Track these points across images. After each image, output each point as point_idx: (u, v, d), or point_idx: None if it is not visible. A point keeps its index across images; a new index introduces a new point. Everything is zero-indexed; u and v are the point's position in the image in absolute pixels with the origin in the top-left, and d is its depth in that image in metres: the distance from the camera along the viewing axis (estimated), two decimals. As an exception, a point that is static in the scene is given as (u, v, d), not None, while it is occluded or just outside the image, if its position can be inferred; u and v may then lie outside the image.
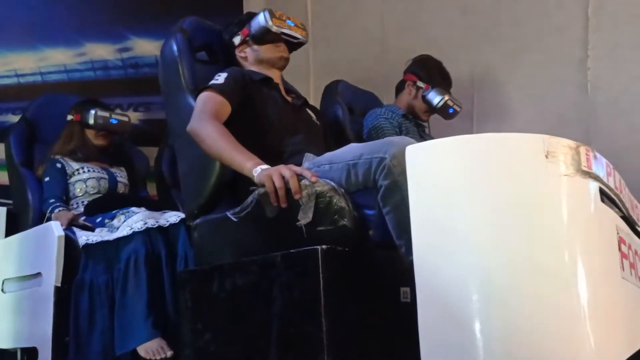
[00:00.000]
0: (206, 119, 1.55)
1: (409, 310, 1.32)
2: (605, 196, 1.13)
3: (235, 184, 1.60)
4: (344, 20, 3.06)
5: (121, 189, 2.44)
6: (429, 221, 1.09)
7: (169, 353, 1.84)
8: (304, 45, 1.92)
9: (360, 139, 2.30)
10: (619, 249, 1.14)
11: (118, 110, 2.71)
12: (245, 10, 3.26)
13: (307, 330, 1.22)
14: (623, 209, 1.23)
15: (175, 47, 1.74)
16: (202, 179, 1.62)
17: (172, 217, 2.09)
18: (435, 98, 2.32)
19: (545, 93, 2.49)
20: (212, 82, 1.67)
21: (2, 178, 2.62)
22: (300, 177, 1.36)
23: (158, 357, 1.82)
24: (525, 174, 1.06)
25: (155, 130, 3.04)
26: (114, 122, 2.42)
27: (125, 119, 2.47)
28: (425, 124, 2.49)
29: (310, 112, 1.91)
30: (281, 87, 1.84)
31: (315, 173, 1.38)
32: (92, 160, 2.42)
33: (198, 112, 1.59)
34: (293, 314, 1.26)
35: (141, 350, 1.85)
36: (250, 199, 1.46)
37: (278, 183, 1.34)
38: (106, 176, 2.39)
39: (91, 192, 2.33)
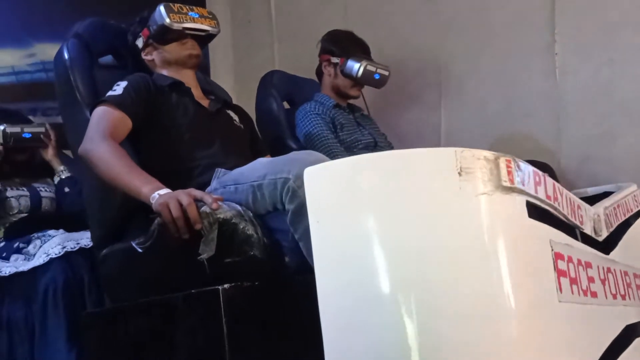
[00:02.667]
0: (99, 139, 1.37)
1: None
2: (535, 209, 0.98)
3: (144, 206, 1.43)
4: (307, 13, 2.94)
5: (47, 204, 2.25)
6: (331, 248, 0.94)
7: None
8: (215, 36, 1.72)
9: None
10: (555, 267, 1.00)
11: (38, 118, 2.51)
12: (208, 7, 3.10)
13: (212, 382, 1.07)
14: (560, 216, 1.08)
15: (66, 56, 1.55)
16: (106, 203, 1.46)
17: (97, 236, 1.92)
18: (354, 67, 2.13)
19: (513, 81, 2.38)
20: (109, 93, 1.49)
21: None
22: (200, 203, 1.20)
23: (83, 396, 1.67)
24: (435, 195, 0.90)
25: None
26: (28, 136, 2.21)
27: (41, 129, 2.25)
28: (363, 108, 2.33)
29: (232, 114, 1.74)
30: (195, 92, 1.66)
31: (220, 197, 1.22)
32: (10, 177, 2.23)
33: (91, 131, 1.40)
34: (197, 363, 1.11)
35: (65, 388, 1.70)
36: (152, 227, 1.29)
37: (175, 212, 1.18)
38: (27, 194, 2.20)
39: (11, 213, 2.15)
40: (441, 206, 0.90)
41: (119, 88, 1.49)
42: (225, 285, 1.10)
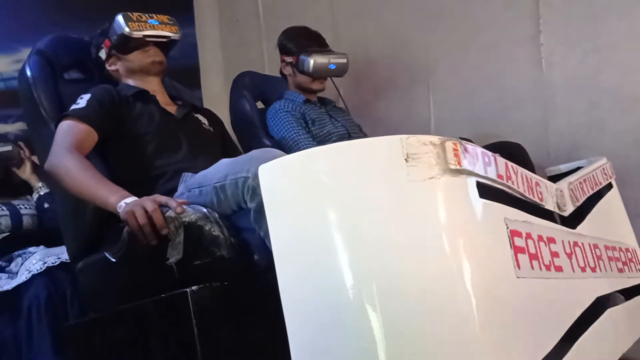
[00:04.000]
0: (64, 153, 1.38)
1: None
2: (487, 190, 1.00)
3: (116, 216, 1.44)
4: (295, 11, 2.93)
5: (28, 222, 2.25)
6: (289, 241, 0.96)
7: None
8: (177, 42, 1.73)
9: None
10: (512, 244, 1.02)
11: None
12: (196, 10, 3.11)
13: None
14: (516, 194, 1.10)
15: (28, 74, 1.56)
16: (78, 216, 1.47)
17: (78, 250, 1.93)
18: (305, 64, 2.10)
19: (501, 72, 2.38)
20: (73, 107, 1.50)
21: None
22: (165, 208, 1.21)
23: (73, 410, 1.68)
24: (384, 181, 0.92)
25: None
26: None
27: (8, 147, 2.24)
28: (335, 99, 2.34)
29: (200, 117, 1.75)
30: (160, 98, 1.67)
31: (185, 200, 1.24)
32: (-12, 197, 2.23)
33: (56, 145, 1.41)
34: (172, 367, 1.12)
35: (56, 404, 1.71)
36: (122, 236, 1.30)
37: (141, 219, 1.19)
38: (7, 213, 2.20)
39: (-7, 234, 2.16)
40: (392, 193, 0.92)
41: (82, 101, 1.50)
42: (194, 287, 1.11)
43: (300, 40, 2.14)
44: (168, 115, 1.64)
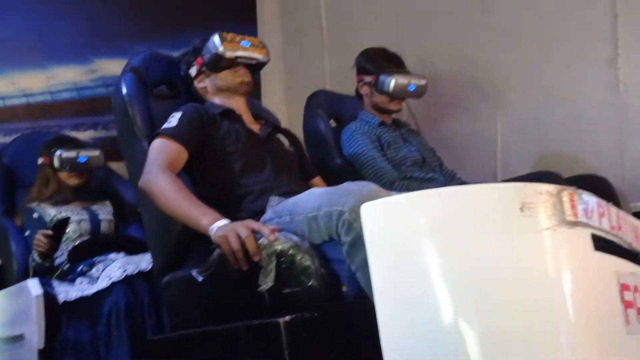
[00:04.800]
0: (158, 172, 1.42)
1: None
2: (600, 241, 0.96)
3: (203, 235, 1.47)
4: (359, 24, 2.91)
5: (105, 227, 2.34)
6: (391, 283, 0.96)
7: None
8: (266, 64, 1.76)
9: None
10: (622, 298, 0.98)
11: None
12: (259, 20, 3.16)
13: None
14: (625, 245, 1.06)
15: (124, 91, 1.61)
16: (165, 233, 1.50)
17: (155, 259, 1.98)
18: (384, 83, 2.11)
19: (574, 94, 2.31)
20: (165, 126, 1.53)
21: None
22: (258, 234, 1.22)
23: (148, 417, 1.73)
24: (496, 230, 0.90)
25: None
26: (83, 160, 2.29)
27: (96, 153, 2.33)
28: (409, 123, 2.32)
29: (282, 138, 1.76)
30: (245, 118, 1.70)
31: (276, 227, 1.25)
32: (71, 201, 2.32)
33: (150, 164, 1.45)
34: (261, 394, 1.13)
35: (130, 409, 1.76)
36: (212, 258, 1.32)
37: (234, 245, 1.21)
38: (87, 217, 2.29)
39: (73, 237, 2.24)
40: (504, 243, 0.90)
41: (173, 120, 1.54)
42: (286, 318, 1.12)
43: (379, 61, 2.16)
44: (253, 135, 1.66)
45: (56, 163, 2.25)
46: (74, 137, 2.49)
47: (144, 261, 1.97)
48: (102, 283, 1.89)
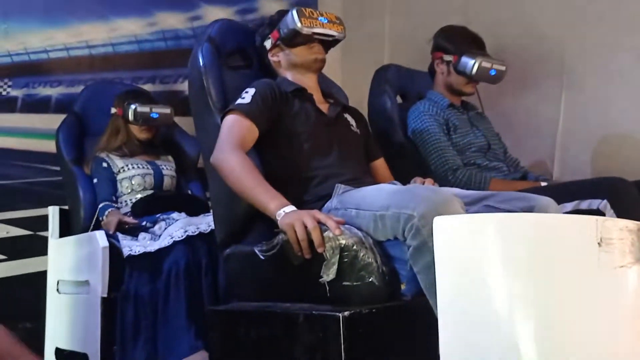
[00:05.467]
0: (229, 150, 1.45)
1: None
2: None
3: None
4: None
5: (167, 182, 2.42)
6: (457, 301, 0.97)
7: (211, 368, 1.84)
8: (340, 41, 1.74)
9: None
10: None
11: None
12: None
13: (327, 401, 1.15)
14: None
15: (201, 62, 1.63)
16: (231, 207, 1.55)
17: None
18: (468, 65, 2.07)
19: None
20: (239, 101, 1.55)
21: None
22: (324, 226, 1.25)
23: (200, 372, 1.83)
24: (572, 262, 0.90)
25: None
26: (155, 116, 2.37)
27: (167, 110, 2.41)
28: (476, 106, 2.27)
29: (349, 118, 1.76)
30: (316, 97, 1.70)
31: (341, 220, 1.27)
32: (137, 154, 2.40)
33: (221, 140, 1.49)
34: (315, 379, 1.19)
35: (184, 363, 1.86)
36: (275, 241, 1.37)
37: (300, 234, 1.24)
38: (151, 171, 2.37)
39: (137, 190, 2.33)
40: (577, 276, 0.90)
41: (247, 96, 1.56)
42: (346, 313, 1.16)
43: (461, 41, 2.11)
44: (322, 116, 1.67)
45: (130, 116, 2.33)
46: (146, 91, 2.55)
47: (204, 223, 2.04)
48: (165, 241, 1.97)
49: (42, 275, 2.62)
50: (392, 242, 1.25)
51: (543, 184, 1.97)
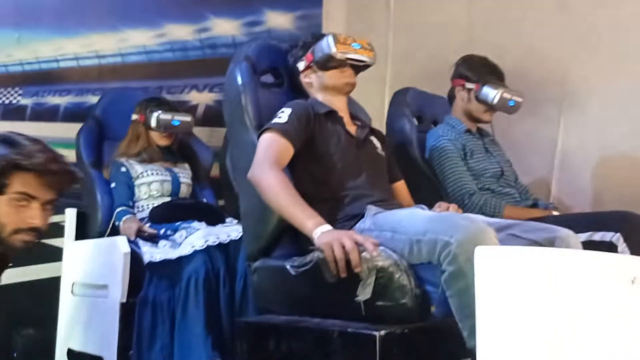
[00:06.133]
0: (267, 168, 1.50)
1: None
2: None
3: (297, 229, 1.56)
4: (428, 6, 2.88)
5: (184, 190, 2.46)
6: (496, 329, 1.03)
7: (227, 376, 1.88)
8: (370, 66, 1.81)
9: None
10: None
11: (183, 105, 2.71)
12: (324, 2, 3.15)
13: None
14: None
15: (239, 80, 1.68)
16: (262, 222, 1.60)
17: (233, 232, 2.10)
18: (490, 94, 2.16)
19: None
20: (275, 120, 1.61)
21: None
22: (361, 247, 1.31)
23: (217, 380, 1.87)
24: (606, 298, 0.96)
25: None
26: (176, 123, 2.41)
27: (188, 119, 2.46)
28: (490, 132, 2.35)
29: (374, 140, 1.82)
30: (345, 119, 1.76)
31: (377, 242, 1.32)
32: (156, 161, 2.44)
33: (259, 157, 1.54)
34: (348, 395, 1.24)
35: (200, 371, 1.90)
36: (309, 257, 1.42)
37: (338, 254, 1.30)
38: (169, 178, 2.41)
39: (155, 196, 2.37)
40: (611, 310, 0.96)
41: (284, 115, 1.61)
42: (382, 332, 1.21)
43: (483, 71, 2.20)
44: (352, 138, 1.73)
45: (153, 122, 2.37)
46: (167, 99, 2.60)
47: (222, 233, 2.09)
48: (185, 249, 2.01)
49: (44, 283, 2.65)
50: (425, 265, 1.30)
51: (555, 212, 2.05)
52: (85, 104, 3.06)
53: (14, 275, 2.62)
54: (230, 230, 2.11)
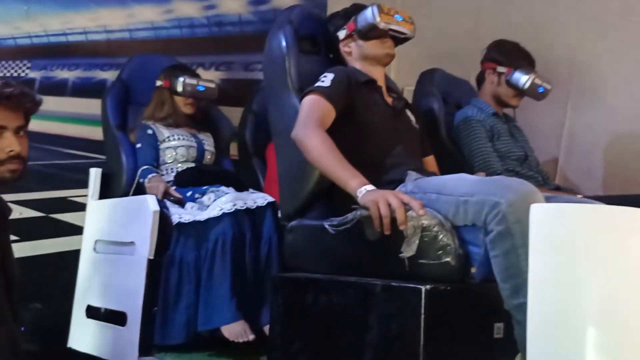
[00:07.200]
0: (312, 128, 1.53)
1: (502, 346, 1.34)
2: None
3: (334, 190, 1.59)
4: None
5: (207, 157, 2.48)
6: (549, 282, 1.07)
7: (251, 337, 1.91)
8: (410, 39, 1.84)
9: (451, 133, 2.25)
10: None
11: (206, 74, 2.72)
12: None
13: (402, 367, 1.24)
14: None
15: (283, 43, 1.71)
16: (300, 182, 1.62)
17: (259, 199, 2.13)
18: (521, 79, 2.20)
19: None
20: (318, 84, 1.63)
21: (96, 134, 2.70)
22: (407, 206, 1.34)
23: (241, 340, 1.90)
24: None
25: (236, 90, 3.05)
26: (201, 89, 2.43)
27: (212, 85, 2.48)
28: (513, 118, 2.39)
29: (409, 114, 1.86)
30: (384, 89, 1.79)
31: (422, 203, 1.36)
32: (182, 126, 2.46)
33: (303, 118, 1.56)
34: (389, 347, 1.27)
35: (225, 331, 1.92)
36: (351, 216, 1.45)
37: (384, 211, 1.33)
38: (195, 144, 2.43)
39: (180, 160, 2.39)
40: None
41: (326, 80, 1.64)
42: (427, 286, 1.24)
43: (515, 56, 2.23)
44: (389, 108, 1.76)
45: (179, 87, 2.39)
46: (191, 67, 2.61)
47: (249, 199, 2.11)
48: (214, 211, 2.03)
49: (53, 257, 2.66)
50: (468, 227, 1.34)
51: (578, 196, 2.09)
52: (94, 79, 3.06)
53: (19, 249, 2.63)
54: (257, 197, 2.14)
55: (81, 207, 2.45)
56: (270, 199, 2.12)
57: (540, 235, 1.08)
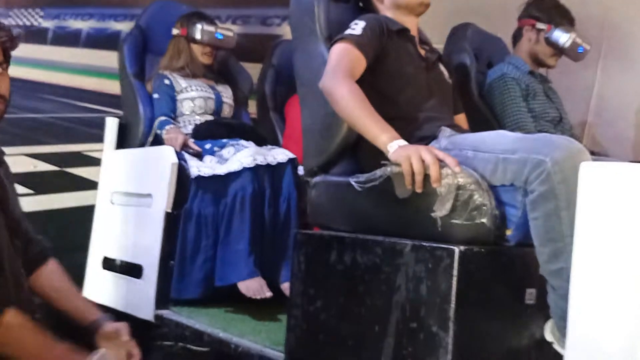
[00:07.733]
0: (341, 77, 1.44)
1: (533, 312, 1.28)
2: None
3: (360, 145, 1.51)
4: None
5: (226, 109, 2.41)
6: (596, 245, 1.00)
7: (268, 294, 1.87)
8: None
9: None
10: None
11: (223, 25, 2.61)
12: None
13: (431, 329, 1.18)
14: None
15: (313, -11, 1.60)
16: (326, 137, 1.54)
17: (280, 155, 2.06)
18: (561, 37, 2.10)
19: None
20: (349, 32, 1.54)
21: (110, 88, 2.64)
22: (441, 163, 1.26)
23: (258, 297, 1.86)
24: None
25: (253, 45, 2.95)
26: (220, 37, 2.34)
27: (230, 33, 2.39)
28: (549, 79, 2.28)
29: (442, 67, 1.75)
30: (417, 40, 1.69)
31: (457, 160, 1.27)
32: (199, 77, 2.38)
33: (332, 67, 1.47)
34: (418, 308, 1.22)
35: (242, 286, 1.89)
36: (379, 172, 1.37)
37: (417, 167, 1.24)
38: (213, 96, 2.36)
39: (198, 112, 2.32)
40: None
41: (357, 27, 1.54)
42: (461, 247, 1.18)
43: (557, 13, 2.13)
44: (423, 60, 1.66)
45: (197, 34, 2.30)
46: (206, 14, 2.51)
47: (270, 155, 2.05)
48: (234, 165, 1.97)
49: (67, 212, 2.63)
50: (505, 187, 1.26)
51: (612, 161, 2.00)
52: (108, 30, 2.97)
53: (35, 202, 2.60)
54: (277, 153, 2.07)
55: (96, 162, 2.40)
56: (291, 155, 2.06)
57: (589, 197, 1.00)
